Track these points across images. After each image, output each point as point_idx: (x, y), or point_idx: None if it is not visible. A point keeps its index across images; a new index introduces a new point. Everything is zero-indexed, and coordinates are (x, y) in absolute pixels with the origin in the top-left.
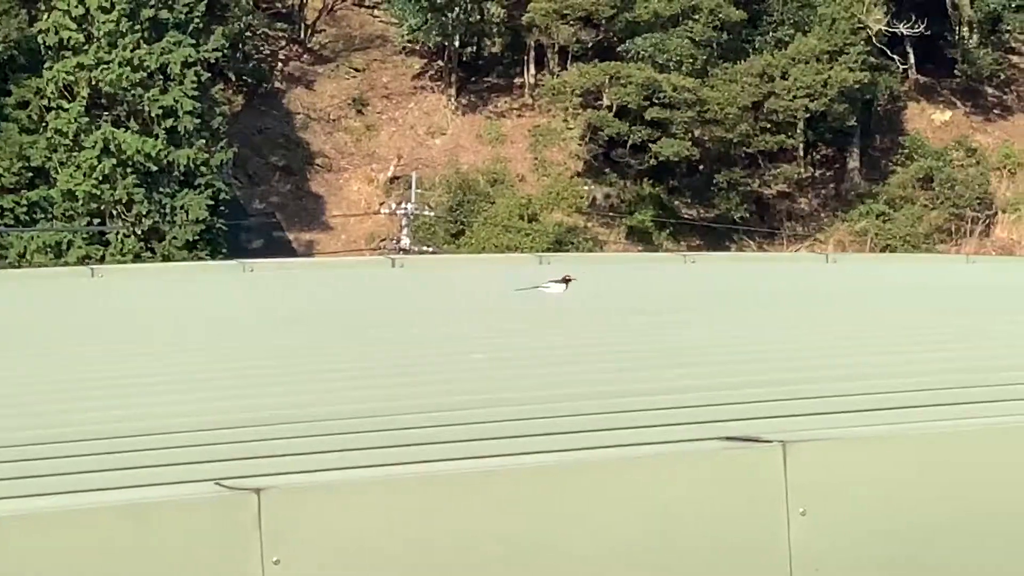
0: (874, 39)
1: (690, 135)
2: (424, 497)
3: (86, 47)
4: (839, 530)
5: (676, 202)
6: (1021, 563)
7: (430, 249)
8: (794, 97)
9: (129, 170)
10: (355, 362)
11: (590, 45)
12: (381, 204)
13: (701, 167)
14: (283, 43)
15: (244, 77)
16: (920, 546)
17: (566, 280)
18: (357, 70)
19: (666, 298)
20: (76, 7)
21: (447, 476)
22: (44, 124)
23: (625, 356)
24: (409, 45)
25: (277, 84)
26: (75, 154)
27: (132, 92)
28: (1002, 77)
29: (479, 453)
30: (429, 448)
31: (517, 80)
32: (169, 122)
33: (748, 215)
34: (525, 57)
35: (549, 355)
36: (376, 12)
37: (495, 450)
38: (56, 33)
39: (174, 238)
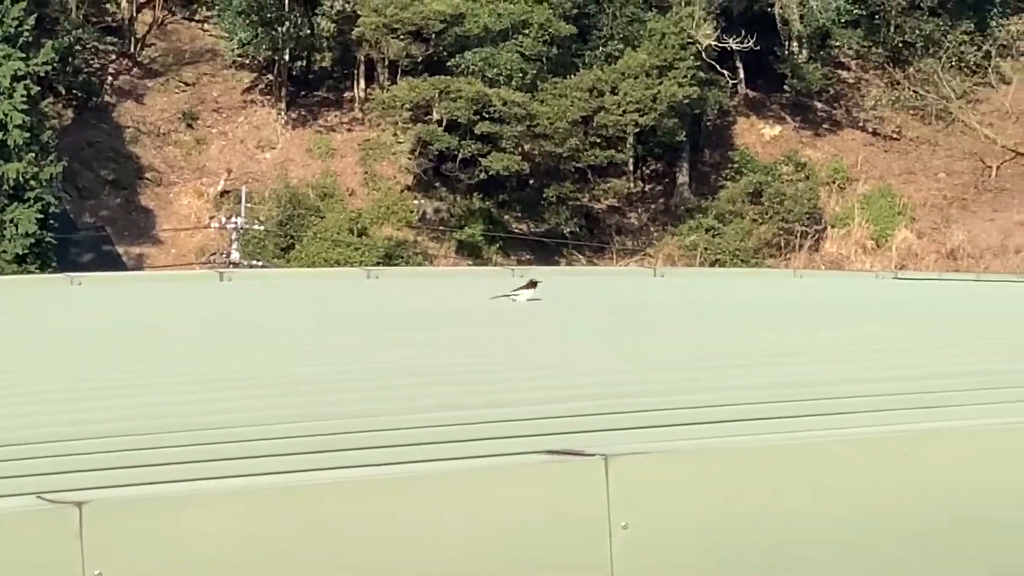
0: (704, 54)
1: (520, 149)
2: (244, 510)
3: None
4: (660, 544)
5: (506, 216)
6: (840, 573)
7: (259, 263)
8: (624, 112)
9: None
10: (180, 375)
11: (420, 60)
12: (211, 218)
13: (531, 181)
14: (113, 57)
15: (74, 91)
16: (740, 560)
17: (533, 284)
18: (187, 84)
19: (492, 312)
20: None
21: (268, 489)
22: None
23: (449, 370)
24: (239, 59)
25: (107, 98)
26: None
27: None
28: (831, 92)
29: (299, 467)
30: (250, 462)
31: (347, 94)
32: None
33: (578, 229)
34: (355, 71)
35: (372, 369)
36: (206, 26)
37: (314, 464)
38: None
39: (3, 252)
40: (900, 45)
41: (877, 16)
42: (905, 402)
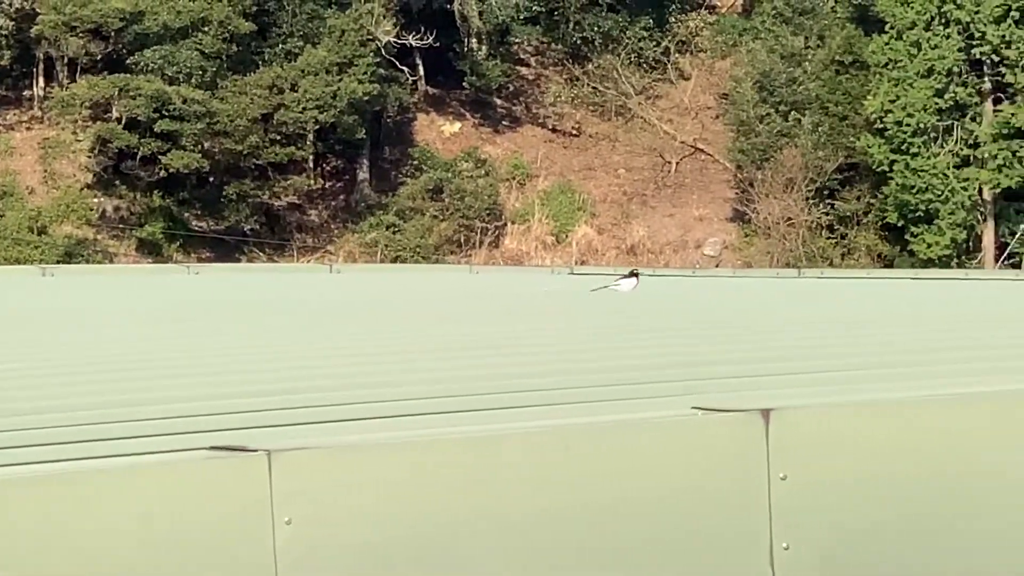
0: (383, 51)
1: (200, 147)
2: None
3: None
4: (324, 538)
5: (186, 214)
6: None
7: None
8: (304, 109)
9: None
10: None
11: (100, 57)
12: None
13: (211, 179)
14: None
15: None
16: (403, 553)
17: (635, 275)
18: None
19: (164, 310)
20: None
21: None
22: None
23: (116, 367)
24: None
25: None
26: None
27: None
28: (511, 89)
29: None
30: None
31: (26, 93)
32: None
33: (259, 227)
34: (34, 70)
35: (40, 367)
36: None
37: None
38: None
39: None
40: (579, 41)
41: (556, 13)
42: (566, 396)
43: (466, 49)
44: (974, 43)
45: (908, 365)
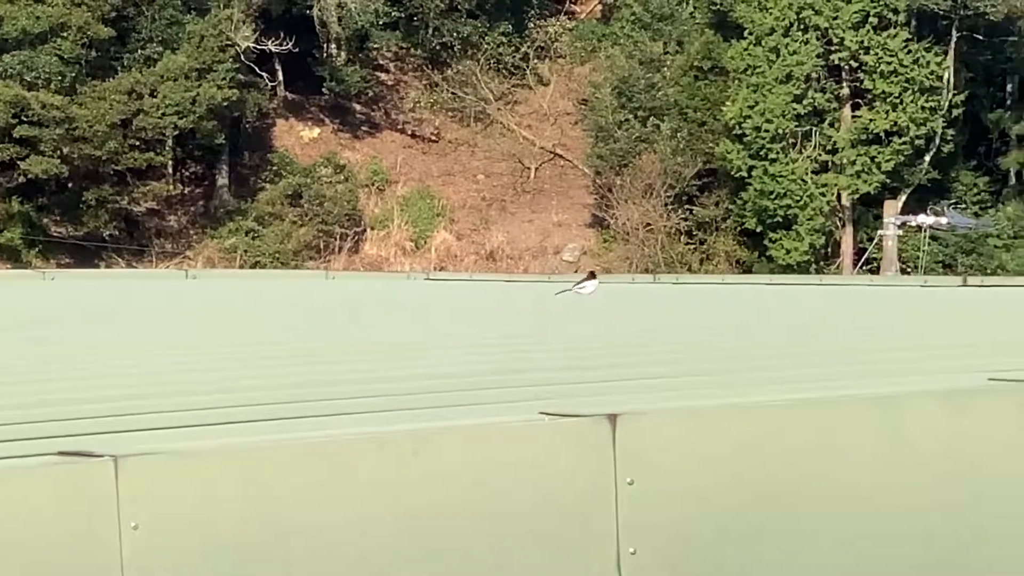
0: (243, 56)
1: (59, 152)
2: None
3: None
4: (170, 544)
5: (45, 220)
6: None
7: None
8: (163, 114)
9: None
10: None
11: None
12: None
13: (71, 185)
14: None
15: None
16: (239, 557)
17: (593, 276)
18: None
19: (18, 315)
20: None
21: None
22: None
23: None
24: None
25: None
26: None
27: None
28: (370, 94)
29: None
30: None
31: None
32: None
33: (118, 232)
34: None
35: None
36: None
37: None
38: None
39: None
40: (439, 47)
41: (415, 18)
42: (416, 402)
43: (325, 55)
44: (832, 49)
45: (753, 370)
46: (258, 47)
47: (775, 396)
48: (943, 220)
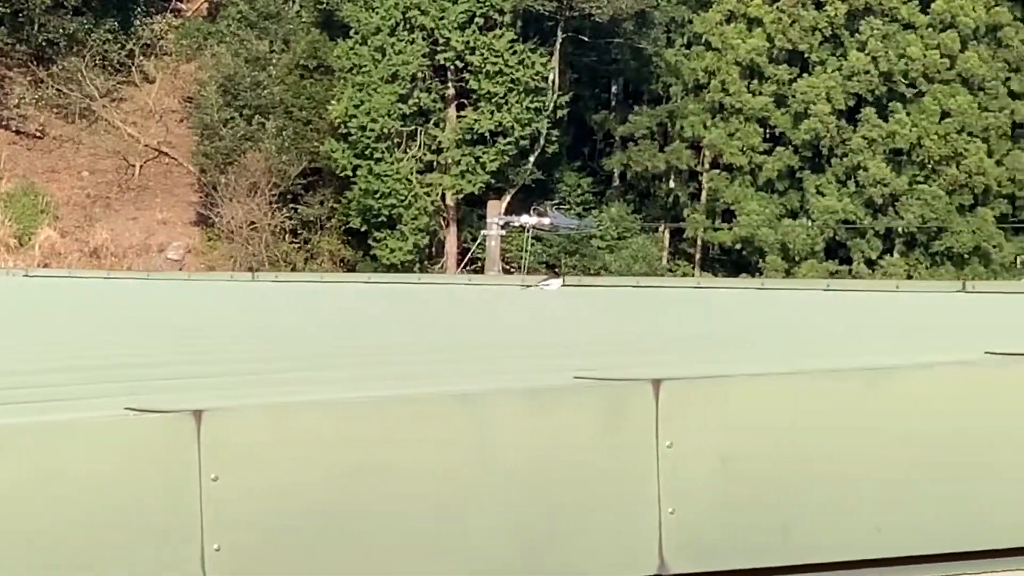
0: None
1: None
2: None
3: None
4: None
5: None
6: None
7: None
8: None
9: None
10: None
11: None
12: None
13: None
14: None
15: None
16: None
17: (557, 275)
18: None
19: None
20: None
21: None
22: None
23: None
24: None
25: None
26: None
27: None
28: None
29: None
30: None
31: None
32: None
33: None
34: None
35: None
36: None
37: None
38: None
39: None
40: (44, 43)
41: (21, 14)
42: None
43: None
44: (438, 49)
45: (342, 368)
46: None
47: (360, 393)
48: (546, 221)
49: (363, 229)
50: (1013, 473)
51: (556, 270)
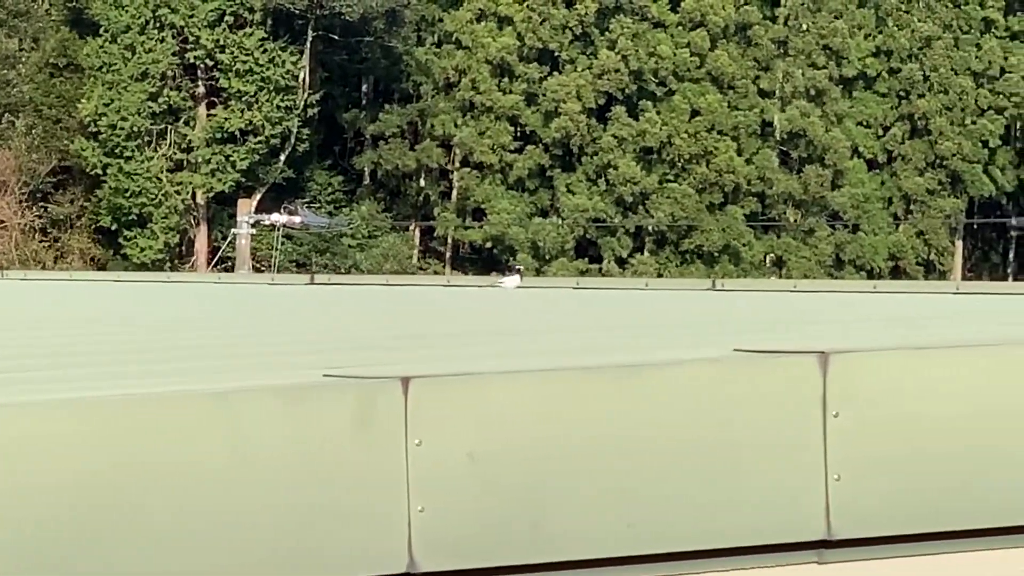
0: None
1: None
2: None
3: None
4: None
5: None
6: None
7: None
8: None
9: None
10: None
11: None
12: None
13: None
14: None
15: None
16: None
17: (518, 272)
18: None
19: None
20: None
21: None
22: None
23: None
24: None
25: None
26: None
27: None
28: None
29: None
30: None
31: None
32: None
33: None
34: None
35: None
36: None
37: None
38: None
39: None
40: None
41: None
42: None
43: None
44: (188, 47)
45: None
46: None
47: (108, 392)
48: (296, 219)
49: (113, 228)
50: (759, 470)
51: (307, 268)
